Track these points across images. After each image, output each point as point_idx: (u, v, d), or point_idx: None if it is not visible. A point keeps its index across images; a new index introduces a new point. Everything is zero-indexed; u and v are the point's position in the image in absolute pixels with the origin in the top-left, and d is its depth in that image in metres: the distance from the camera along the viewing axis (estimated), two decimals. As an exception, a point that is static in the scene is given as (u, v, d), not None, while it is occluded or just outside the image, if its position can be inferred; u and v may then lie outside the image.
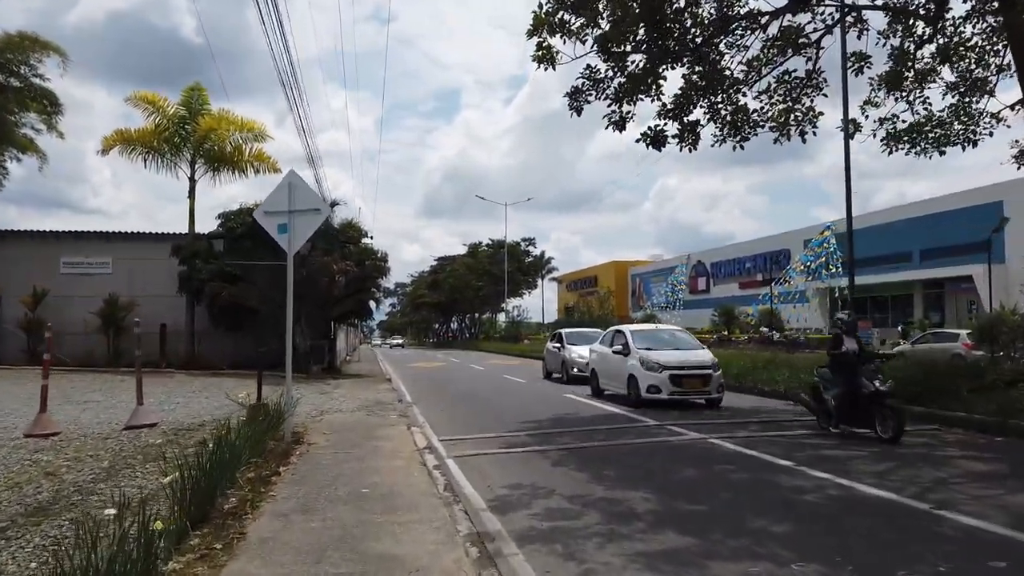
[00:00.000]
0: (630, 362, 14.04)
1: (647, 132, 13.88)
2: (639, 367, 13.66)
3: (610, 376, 15.21)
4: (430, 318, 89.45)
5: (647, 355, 13.78)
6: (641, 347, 14.25)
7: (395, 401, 15.64)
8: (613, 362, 15.04)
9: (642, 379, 13.44)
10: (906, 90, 15.09)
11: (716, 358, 14.34)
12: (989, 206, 41.56)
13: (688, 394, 13.18)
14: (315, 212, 9.07)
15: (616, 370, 14.76)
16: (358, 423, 11.44)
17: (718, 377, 13.44)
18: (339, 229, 23.25)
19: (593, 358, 16.70)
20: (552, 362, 21.56)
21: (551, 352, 21.69)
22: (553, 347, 21.56)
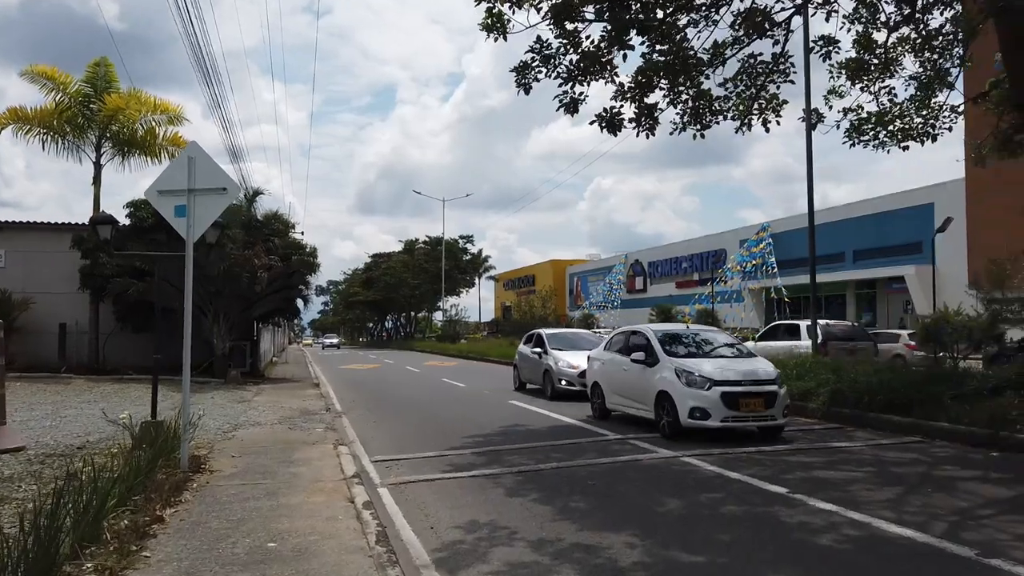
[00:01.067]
0: (660, 375, 10.23)
1: (602, 114, 12.71)
2: (676, 382, 9.81)
3: (625, 393, 11.36)
4: (364, 317, 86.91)
5: (687, 365, 10.02)
6: (675, 354, 10.59)
7: (323, 410, 14.07)
8: (631, 375, 11.13)
9: (681, 399, 9.62)
10: (869, 79, 14.42)
11: None
12: (921, 208, 42.32)
13: (747, 419, 9.54)
14: (220, 192, 7.51)
15: (636, 386, 10.93)
16: (276, 441, 9.87)
17: (784, 396, 9.89)
18: (263, 220, 21.40)
19: (595, 368, 12.69)
20: (529, 371, 17.52)
21: (528, 359, 17.56)
22: (531, 353, 17.32)
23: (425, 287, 60.00)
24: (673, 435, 9.56)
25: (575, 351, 15.97)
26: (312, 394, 17.67)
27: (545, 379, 16.09)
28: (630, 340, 11.86)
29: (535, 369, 16.88)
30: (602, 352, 12.92)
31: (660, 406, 10.05)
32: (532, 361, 17.15)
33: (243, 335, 22.27)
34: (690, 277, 64.56)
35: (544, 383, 16.16)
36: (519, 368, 18.35)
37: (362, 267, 70.95)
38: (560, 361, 15.68)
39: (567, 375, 15.27)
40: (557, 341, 17.05)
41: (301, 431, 11.05)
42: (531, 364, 17.27)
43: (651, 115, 12.92)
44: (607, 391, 12.01)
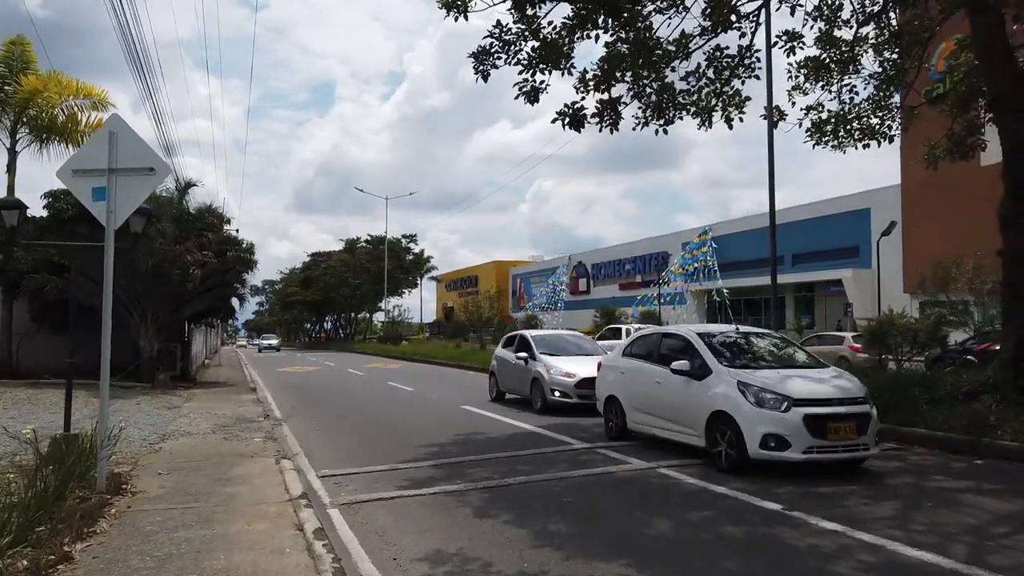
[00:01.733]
0: (714, 391, 7.93)
1: (564, 111, 12.10)
2: (740, 400, 7.56)
3: (658, 411, 8.92)
4: (302, 317, 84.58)
5: (754, 379, 7.73)
6: (731, 363, 8.22)
7: (261, 417, 13.05)
8: (667, 389, 8.70)
9: (749, 423, 7.39)
10: (830, 77, 14.23)
11: None
12: (858, 213, 43.30)
13: (836, 449, 7.35)
14: (147, 173, 6.56)
15: (675, 403, 8.56)
16: (210, 453, 8.90)
17: (876, 420, 7.71)
18: (196, 214, 20.06)
19: (611, 379, 10.19)
20: (511, 379, 15.13)
21: (509, 365, 15.10)
22: (514, 358, 14.79)
23: (367, 287, 58.51)
24: (737, 468, 7.43)
25: (568, 356, 14.07)
26: (248, 399, 16.54)
27: (533, 389, 13.76)
28: (663, 345, 9.33)
29: (519, 377, 14.51)
30: (619, 359, 10.33)
31: (715, 431, 7.76)
32: (515, 368, 14.69)
33: (173, 336, 20.87)
34: (633, 279, 64.92)
35: (532, 394, 13.81)
36: (497, 375, 15.83)
37: (300, 266, 68.92)
38: (553, 368, 13.39)
39: (562, 385, 13.03)
40: (546, 345, 14.72)
41: (238, 441, 10.08)
42: (514, 371, 14.83)
43: (614, 109, 12.39)
44: (628, 407, 9.58)
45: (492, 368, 16.35)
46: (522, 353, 14.53)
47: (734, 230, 53.99)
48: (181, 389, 18.24)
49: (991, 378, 9.51)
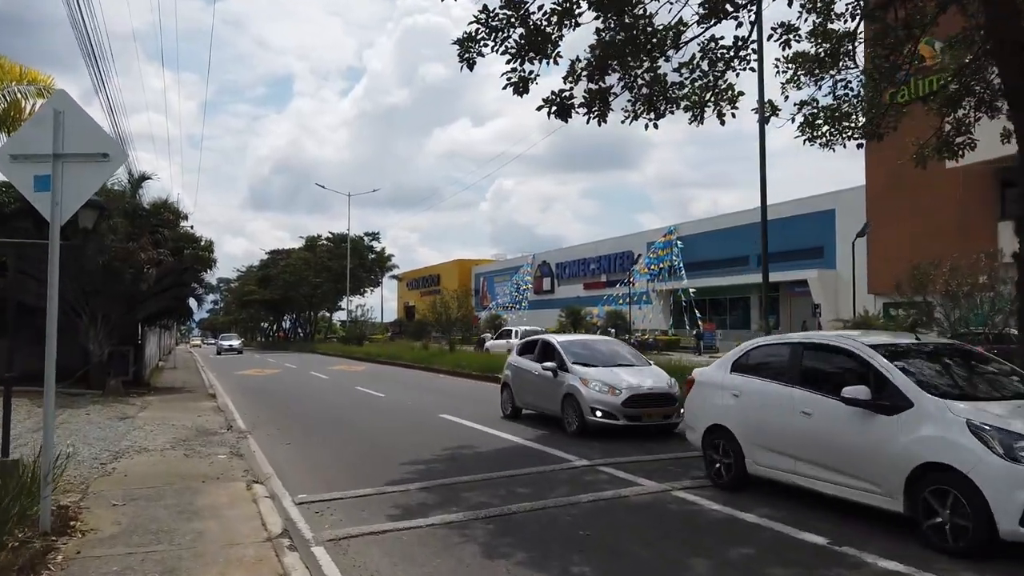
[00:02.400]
0: (920, 433, 5.56)
1: (551, 98, 11.41)
2: (981, 452, 5.18)
3: (813, 455, 6.39)
4: (259, 316, 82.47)
5: (994, 420, 5.33)
6: (942, 394, 5.76)
7: (223, 429, 12.09)
8: (828, 424, 6.26)
9: (1001, 486, 5.02)
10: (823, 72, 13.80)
11: None
12: (823, 213, 43.59)
13: None
14: (100, 160, 5.65)
15: (840, 445, 6.13)
16: (171, 475, 7.97)
17: None
18: (151, 209, 18.84)
19: (718, 405, 7.60)
20: (533, 393, 12.66)
21: (530, 377, 12.63)
22: (538, 369, 12.29)
23: (328, 286, 57.05)
24: (972, 551, 5.10)
25: (608, 367, 11.59)
26: (208, 407, 15.49)
27: (566, 407, 11.26)
28: (809, 358, 6.92)
29: (545, 392, 12.03)
30: (726, 375, 7.70)
31: (925, 492, 5.39)
32: (539, 381, 12.27)
33: (126, 339, 19.62)
34: (598, 279, 64.71)
35: (564, 413, 11.31)
36: (513, 388, 13.32)
37: (258, 264, 67.02)
38: (592, 382, 10.91)
39: (605, 404, 10.57)
40: (577, 352, 12.14)
41: (200, 459, 9.15)
42: (537, 385, 12.39)
43: (604, 100, 11.73)
44: (749, 444, 7.05)
45: (505, 380, 13.72)
46: (549, 363, 11.96)
47: (699, 230, 54.06)
48: (134, 396, 17.07)
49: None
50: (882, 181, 37.19)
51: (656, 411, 10.73)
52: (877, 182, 37.59)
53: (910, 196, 34.47)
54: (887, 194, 36.51)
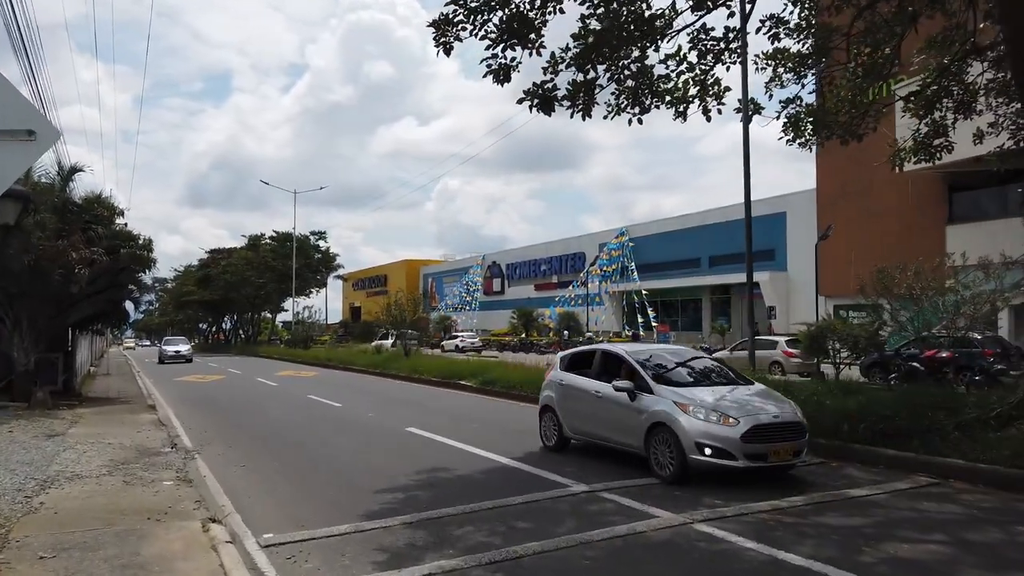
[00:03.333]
0: None
1: (533, 90, 10.64)
2: None
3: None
4: (197, 318, 79.42)
5: None
6: None
7: (167, 447, 10.91)
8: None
9: None
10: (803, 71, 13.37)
11: None
12: (774, 216, 43.87)
13: None
14: (24, 139, 4.57)
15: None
16: (109, 511, 6.85)
17: None
18: (83, 204, 17.30)
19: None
20: (593, 420, 9.57)
21: (594, 400, 9.47)
22: (602, 391, 9.33)
23: (272, 286, 54.97)
24: None
25: (706, 387, 8.89)
26: (148, 421, 14.17)
27: (654, 442, 8.35)
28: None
29: (616, 420, 9.02)
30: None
31: None
32: (604, 405, 9.19)
33: (54, 345, 18.00)
34: (549, 279, 64.21)
35: (650, 449, 8.38)
36: (559, 412, 10.10)
37: (197, 264, 64.28)
38: (694, 408, 8.14)
39: (716, 440, 7.85)
40: (659, 368, 9.22)
41: (143, 487, 8.03)
42: (601, 410, 9.27)
43: (589, 91, 10.99)
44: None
45: (547, 402, 10.46)
46: (622, 383, 8.86)
47: (650, 232, 54.02)
48: (64, 408, 15.57)
49: (1021, 401, 8.64)
50: (833, 186, 37.62)
51: (785, 447, 7.93)
52: (828, 186, 37.98)
53: (860, 201, 34.90)
54: (836, 198, 36.93)
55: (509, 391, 16.99)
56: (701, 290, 49.12)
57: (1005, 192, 31.04)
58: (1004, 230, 26.20)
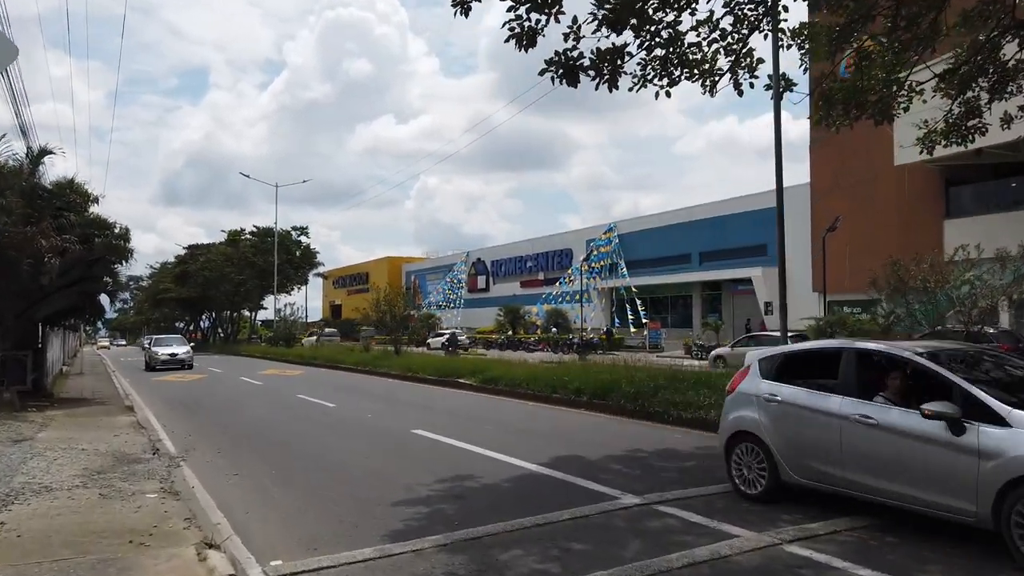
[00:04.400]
0: None
1: (556, 59, 9.64)
2: None
3: None
4: (173, 316, 77.46)
5: None
6: None
7: (148, 453, 9.80)
8: None
9: None
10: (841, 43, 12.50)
11: None
12: (766, 211, 43.18)
13: None
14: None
15: None
16: (84, 536, 5.76)
17: None
18: (53, 190, 16.04)
19: None
20: (853, 462, 6.01)
21: (856, 427, 6.01)
22: (889, 421, 5.80)
23: (252, 283, 53.39)
24: None
25: None
26: (126, 423, 13.01)
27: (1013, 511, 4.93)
28: None
29: (917, 465, 5.55)
30: None
31: None
32: (888, 439, 5.79)
33: (23, 342, 16.69)
34: (535, 276, 63.25)
35: (1004, 519, 4.96)
36: (773, 443, 6.73)
37: (174, 260, 62.44)
38: None
39: None
40: (1004, 379, 6.05)
41: (123, 502, 6.95)
42: (885, 447, 5.80)
43: (615, 60, 10.00)
44: None
45: (746, 427, 7.03)
46: (941, 406, 5.37)
47: (639, 227, 53.25)
48: (34, 410, 14.33)
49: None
50: (827, 179, 37.02)
51: None
52: (822, 179, 37.39)
53: (854, 195, 34.33)
54: (830, 192, 36.34)
55: (514, 389, 15.99)
56: (691, 286, 48.42)
57: (1002, 186, 30.62)
58: (1002, 224, 25.71)
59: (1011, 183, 30.58)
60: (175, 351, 31.51)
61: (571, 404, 13.87)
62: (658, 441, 9.97)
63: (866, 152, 33.90)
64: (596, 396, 13.34)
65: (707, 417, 10.81)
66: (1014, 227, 23.97)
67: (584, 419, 12.50)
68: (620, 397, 12.60)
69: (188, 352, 32.08)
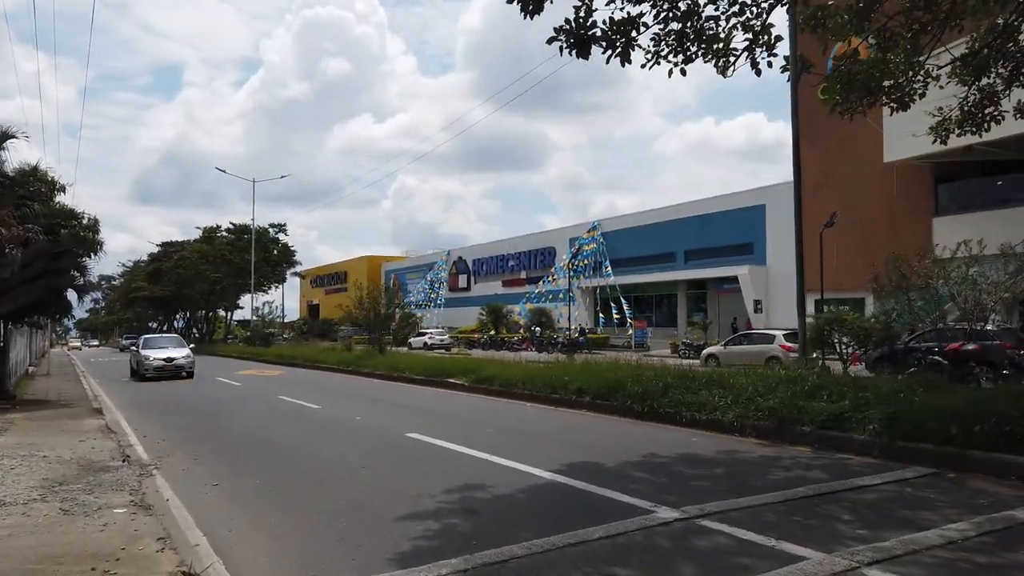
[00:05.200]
0: None
1: (567, 27, 8.90)
2: None
3: None
4: (146, 316, 75.63)
5: None
6: None
7: (117, 460, 8.89)
8: None
9: None
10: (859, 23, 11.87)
11: None
12: (752, 209, 42.80)
13: None
14: None
15: None
16: (40, 562, 4.88)
17: None
18: (16, 177, 14.95)
19: None
20: None
21: None
22: None
23: (228, 281, 51.94)
24: None
25: None
26: (94, 427, 12.03)
27: None
28: None
29: None
30: None
31: None
32: None
33: (-18, 340, 15.59)
34: (517, 275, 62.44)
35: None
36: None
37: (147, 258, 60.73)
38: None
39: None
40: None
41: (87, 519, 6.07)
42: None
43: (632, 31, 9.27)
44: None
45: None
46: None
47: (622, 226, 52.67)
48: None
49: None
50: (815, 177, 36.64)
51: None
52: (810, 178, 36.99)
53: (842, 192, 33.95)
54: (816, 190, 35.97)
55: (509, 390, 15.18)
56: (676, 285, 47.91)
57: (989, 184, 30.43)
58: (990, 221, 25.40)
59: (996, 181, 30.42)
60: (172, 355, 24.77)
61: (572, 405, 13.11)
62: (675, 445, 9.22)
63: (854, 150, 33.60)
64: (600, 396, 12.58)
65: (724, 419, 10.10)
66: (1002, 225, 23.65)
67: (590, 421, 11.74)
68: (626, 397, 11.85)
69: (188, 356, 25.08)
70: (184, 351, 25.48)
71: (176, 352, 25.07)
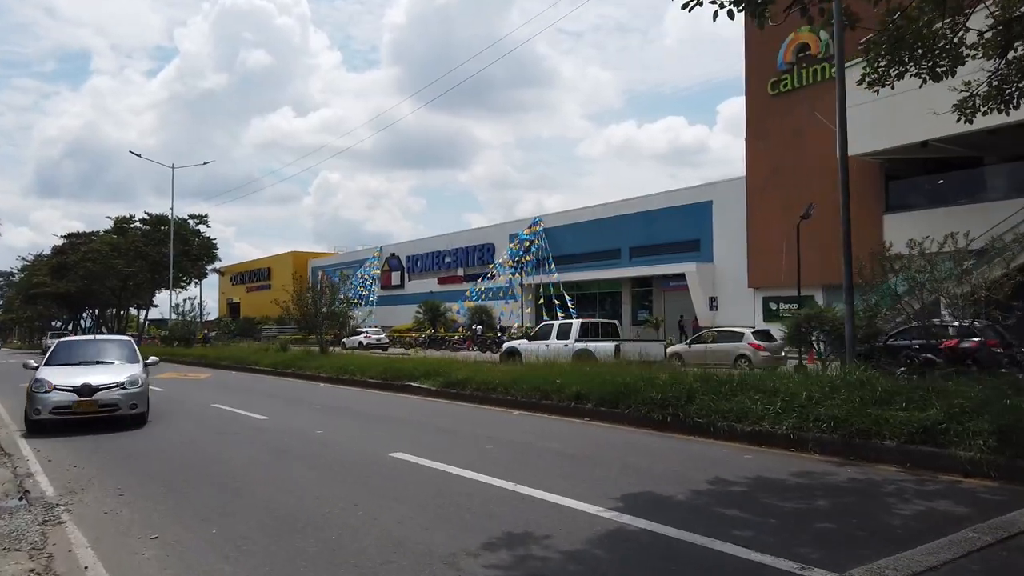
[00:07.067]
0: None
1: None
2: None
3: None
4: (49, 314, 69.90)
5: None
6: None
7: (12, 497, 6.68)
8: None
9: None
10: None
11: None
12: (699, 205, 42.10)
13: None
14: None
15: None
16: None
17: None
18: None
19: None
20: None
21: None
22: None
23: (142, 276, 47.80)
24: None
25: None
26: (-19, 449, 9.50)
27: None
28: None
29: None
30: None
31: None
32: None
33: None
34: (454, 272, 60.35)
35: None
36: None
37: (51, 251, 55.69)
38: None
39: None
40: None
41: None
42: None
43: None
44: None
45: None
46: None
47: (565, 222, 51.39)
48: None
49: None
50: (763, 173, 36.08)
51: None
52: (758, 174, 36.42)
53: (790, 189, 33.39)
54: (767, 187, 35.43)
55: (487, 395, 13.28)
56: (621, 282, 46.87)
57: (938, 181, 30.41)
58: (940, 218, 25.11)
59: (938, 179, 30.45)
60: (96, 379, 11.91)
61: (570, 413, 11.34)
62: (731, 464, 7.56)
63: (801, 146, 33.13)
64: (605, 403, 10.85)
65: (774, 430, 8.51)
66: (952, 222, 23.30)
67: (603, 433, 9.96)
68: (641, 405, 10.15)
69: (133, 382, 12.26)
70: (128, 371, 12.64)
71: (105, 375, 12.28)
